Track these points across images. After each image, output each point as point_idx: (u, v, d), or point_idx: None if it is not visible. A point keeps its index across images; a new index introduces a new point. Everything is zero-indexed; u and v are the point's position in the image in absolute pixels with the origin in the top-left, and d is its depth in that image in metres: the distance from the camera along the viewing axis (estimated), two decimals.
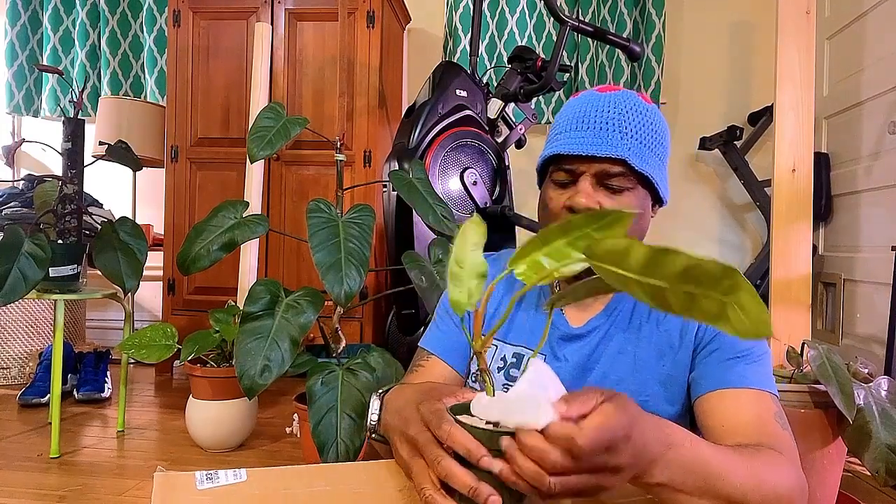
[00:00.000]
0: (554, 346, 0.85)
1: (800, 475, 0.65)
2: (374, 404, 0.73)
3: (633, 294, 0.43)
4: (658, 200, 0.85)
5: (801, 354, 1.38)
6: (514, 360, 0.86)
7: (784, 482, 0.62)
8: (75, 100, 1.80)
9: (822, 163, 2.43)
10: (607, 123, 0.79)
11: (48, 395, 2.13)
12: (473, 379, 0.90)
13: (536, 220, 0.93)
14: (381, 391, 0.75)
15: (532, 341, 0.86)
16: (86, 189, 1.91)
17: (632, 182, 0.79)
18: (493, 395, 0.54)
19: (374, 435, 0.72)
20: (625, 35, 2.58)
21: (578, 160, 0.79)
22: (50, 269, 1.64)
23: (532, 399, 0.50)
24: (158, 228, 2.71)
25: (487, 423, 0.53)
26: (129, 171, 2.47)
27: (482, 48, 2.87)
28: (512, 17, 2.84)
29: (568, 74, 2.79)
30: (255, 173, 2.31)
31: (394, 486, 0.61)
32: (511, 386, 0.58)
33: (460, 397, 0.60)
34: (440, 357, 0.89)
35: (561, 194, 0.81)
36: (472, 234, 0.54)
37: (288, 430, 1.60)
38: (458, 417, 0.54)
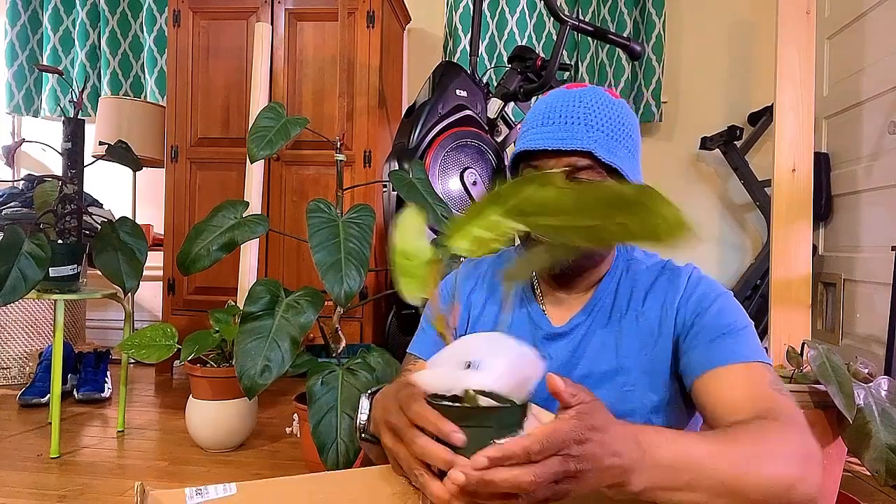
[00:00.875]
0: (538, 346, 0.86)
1: (804, 438, 0.62)
2: (364, 404, 0.73)
3: (569, 240, 0.46)
4: None
5: (801, 354, 1.38)
6: None
7: (784, 451, 0.60)
8: (75, 100, 1.80)
9: (822, 163, 2.43)
10: (573, 118, 0.80)
11: (48, 395, 2.13)
12: None
13: None
14: (369, 392, 0.75)
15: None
16: (86, 189, 1.91)
17: (601, 174, 0.80)
18: None
19: (364, 434, 0.72)
20: (625, 35, 2.58)
21: (546, 155, 0.81)
22: (50, 269, 1.64)
23: (461, 351, 0.51)
24: (158, 228, 2.71)
25: (455, 399, 0.54)
26: (129, 171, 2.47)
27: (482, 48, 2.87)
28: (512, 17, 2.84)
29: (568, 74, 2.79)
30: (255, 173, 2.31)
31: (388, 492, 0.61)
32: None
33: None
34: (427, 361, 0.89)
35: None
36: (410, 223, 0.54)
37: (288, 430, 1.60)
38: (430, 399, 0.55)
